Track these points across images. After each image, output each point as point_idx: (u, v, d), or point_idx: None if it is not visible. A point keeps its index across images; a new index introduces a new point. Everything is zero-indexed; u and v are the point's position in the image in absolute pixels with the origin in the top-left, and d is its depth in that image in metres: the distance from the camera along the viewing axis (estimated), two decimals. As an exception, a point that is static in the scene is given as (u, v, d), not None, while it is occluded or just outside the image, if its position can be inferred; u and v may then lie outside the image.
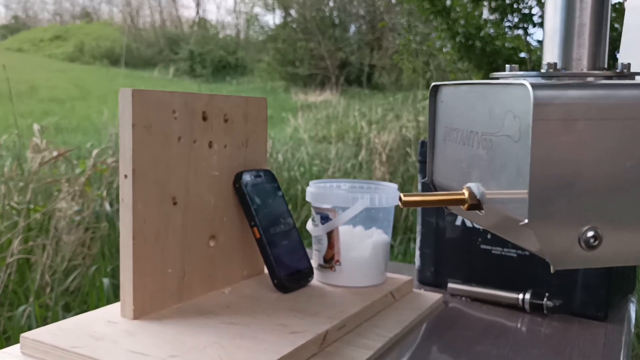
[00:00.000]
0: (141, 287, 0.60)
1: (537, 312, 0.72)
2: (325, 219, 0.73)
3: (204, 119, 0.66)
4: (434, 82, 0.49)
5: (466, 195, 0.40)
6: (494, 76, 0.41)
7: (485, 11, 5.23)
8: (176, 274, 0.64)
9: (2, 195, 2.20)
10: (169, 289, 0.63)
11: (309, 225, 0.76)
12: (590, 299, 0.70)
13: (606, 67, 0.40)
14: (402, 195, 0.40)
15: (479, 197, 0.40)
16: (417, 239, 0.84)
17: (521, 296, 0.72)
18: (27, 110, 8.01)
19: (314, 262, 0.75)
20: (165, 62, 16.84)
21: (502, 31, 5.21)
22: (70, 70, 14.66)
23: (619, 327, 0.69)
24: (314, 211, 0.74)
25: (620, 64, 0.38)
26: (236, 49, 17.98)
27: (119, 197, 0.62)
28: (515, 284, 0.74)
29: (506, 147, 0.36)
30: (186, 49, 17.03)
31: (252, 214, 0.69)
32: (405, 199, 0.40)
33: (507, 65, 0.40)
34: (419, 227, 0.83)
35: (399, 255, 3.00)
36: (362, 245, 0.73)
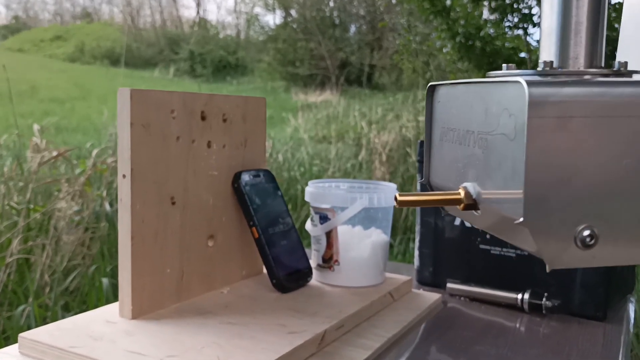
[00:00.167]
0: (139, 287, 0.60)
1: (535, 312, 0.72)
2: (324, 218, 0.73)
3: (203, 118, 0.66)
4: (430, 82, 0.49)
5: (462, 195, 0.40)
6: (490, 75, 0.41)
7: (485, 11, 5.23)
8: (175, 274, 0.64)
9: (1, 195, 2.20)
10: (168, 288, 0.63)
11: (308, 225, 0.76)
12: (589, 298, 0.70)
13: (603, 65, 0.40)
14: (398, 195, 0.40)
15: (475, 196, 0.40)
16: (416, 239, 0.83)
17: (520, 296, 0.72)
18: (27, 110, 8.01)
19: (313, 262, 0.75)
20: (165, 62, 16.84)
21: (502, 31, 5.21)
22: (70, 70, 14.67)
23: (618, 327, 0.69)
24: (312, 211, 0.74)
25: (617, 62, 0.38)
26: (236, 49, 17.99)
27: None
28: (514, 284, 0.74)
29: (502, 145, 0.36)
30: (186, 49, 17.03)
31: (251, 214, 0.69)
32: (400, 198, 0.40)
33: (504, 64, 0.40)
34: (418, 227, 0.83)
35: (399, 255, 3.00)
36: (361, 245, 0.73)
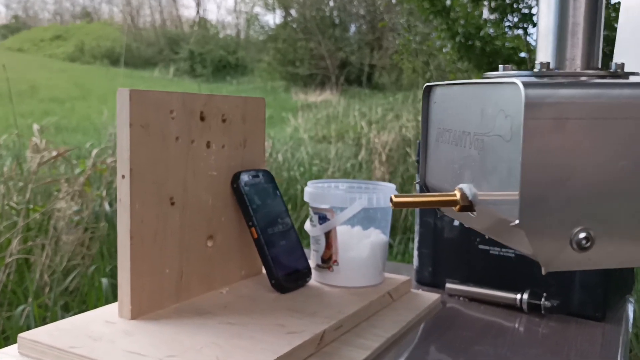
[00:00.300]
0: (139, 287, 0.60)
1: (534, 312, 0.72)
2: (323, 219, 0.73)
3: (202, 119, 0.66)
4: (426, 83, 0.49)
5: (458, 196, 0.40)
6: (487, 76, 0.41)
7: (485, 11, 5.23)
8: (174, 274, 0.64)
9: (1, 195, 2.20)
10: (167, 289, 0.63)
11: (307, 225, 0.76)
12: (588, 299, 0.70)
13: (600, 67, 0.40)
14: (393, 196, 0.40)
15: (470, 198, 0.40)
16: (415, 239, 0.84)
17: (519, 296, 0.72)
18: (27, 110, 8.01)
19: (312, 262, 0.75)
20: (165, 62, 16.84)
21: (502, 31, 5.21)
22: (70, 70, 14.67)
23: (617, 327, 0.69)
24: (311, 211, 0.74)
25: (614, 63, 0.38)
26: (236, 49, 17.99)
27: (116, 197, 0.62)
28: (513, 284, 0.74)
29: (498, 147, 0.36)
30: (186, 48, 17.03)
31: (250, 214, 0.69)
32: (396, 200, 0.40)
33: (500, 65, 0.40)
34: (417, 227, 0.83)
35: (398, 255, 3.00)
36: (360, 245, 0.73)
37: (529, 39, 5.09)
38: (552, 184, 0.33)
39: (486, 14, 5.25)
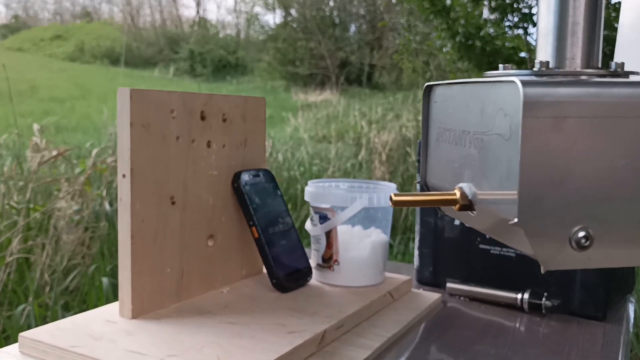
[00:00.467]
0: (139, 286, 0.60)
1: (535, 311, 0.72)
2: (323, 218, 0.73)
3: (203, 118, 0.66)
4: (426, 83, 0.49)
5: (458, 195, 0.40)
6: (487, 75, 0.41)
7: (485, 11, 5.23)
8: (174, 274, 0.64)
9: (1, 194, 2.20)
10: (167, 288, 0.63)
11: (308, 224, 0.76)
12: (588, 298, 0.70)
13: (600, 66, 0.40)
14: (393, 195, 0.40)
15: (470, 197, 0.40)
16: (416, 239, 0.84)
17: (520, 296, 0.72)
18: (27, 109, 8.01)
19: (313, 261, 0.75)
20: (165, 62, 16.85)
21: (502, 31, 5.21)
22: (70, 69, 14.67)
23: (618, 327, 0.69)
24: (312, 211, 0.74)
25: (614, 63, 0.38)
26: (236, 49, 17.99)
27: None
28: (513, 284, 0.74)
29: (497, 146, 0.36)
30: (186, 48, 17.03)
31: (251, 214, 0.69)
32: (395, 199, 0.40)
33: (500, 65, 0.40)
34: (417, 227, 0.83)
35: (398, 255, 3.00)
36: (361, 244, 0.73)
37: (529, 38, 5.09)
38: (551, 183, 0.33)
39: (486, 13, 5.25)
